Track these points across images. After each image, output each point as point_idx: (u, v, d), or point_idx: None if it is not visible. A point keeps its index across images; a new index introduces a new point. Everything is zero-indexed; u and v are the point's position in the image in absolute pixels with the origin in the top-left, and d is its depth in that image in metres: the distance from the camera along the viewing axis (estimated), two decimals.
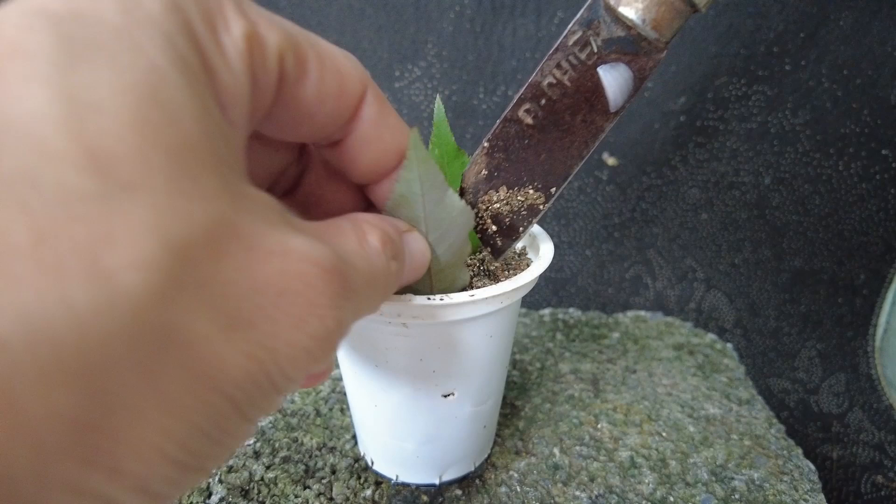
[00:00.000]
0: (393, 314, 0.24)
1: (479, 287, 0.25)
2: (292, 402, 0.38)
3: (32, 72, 0.11)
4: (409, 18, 0.44)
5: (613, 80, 0.24)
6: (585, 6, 0.23)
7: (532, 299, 0.53)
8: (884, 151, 0.46)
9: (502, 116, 0.25)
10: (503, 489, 0.32)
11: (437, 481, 0.31)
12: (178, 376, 0.11)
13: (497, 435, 0.35)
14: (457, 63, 0.46)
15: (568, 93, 0.24)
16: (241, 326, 0.12)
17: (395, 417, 0.29)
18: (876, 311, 0.50)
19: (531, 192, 0.25)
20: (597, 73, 0.24)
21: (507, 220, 0.26)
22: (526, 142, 0.24)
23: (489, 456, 0.34)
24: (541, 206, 0.26)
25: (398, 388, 0.27)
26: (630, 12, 0.23)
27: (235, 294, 0.12)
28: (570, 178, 0.25)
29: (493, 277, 0.28)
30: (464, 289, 0.27)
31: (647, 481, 0.32)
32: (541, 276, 0.27)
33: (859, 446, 0.52)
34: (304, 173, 0.23)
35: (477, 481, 0.32)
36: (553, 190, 0.25)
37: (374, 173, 0.22)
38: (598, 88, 0.24)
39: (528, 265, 0.28)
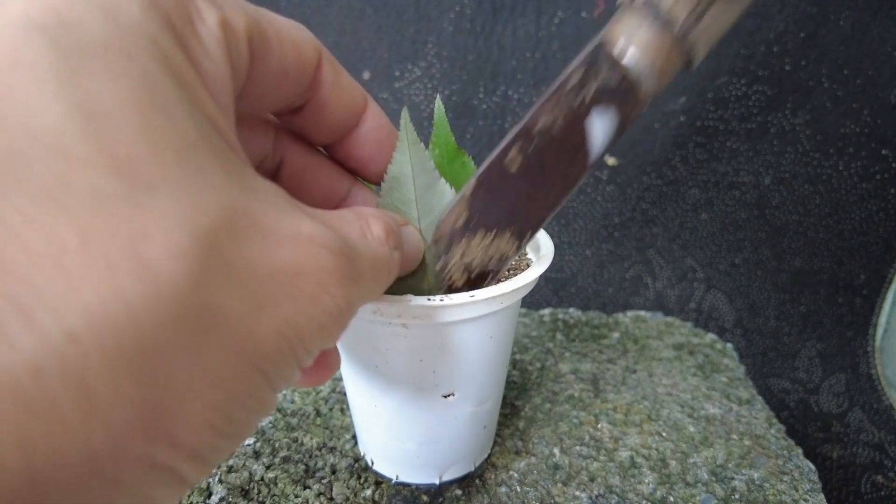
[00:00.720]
0: (393, 315, 0.24)
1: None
2: (292, 402, 0.38)
3: (40, 85, 0.11)
4: (409, 18, 0.44)
5: (600, 127, 0.24)
6: (585, 51, 0.23)
7: (532, 299, 0.53)
8: (884, 151, 0.46)
9: (490, 159, 0.24)
10: (503, 489, 0.32)
11: (437, 481, 0.31)
12: (220, 353, 0.12)
13: (497, 435, 0.35)
14: (457, 63, 0.46)
15: (556, 138, 0.24)
16: (269, 304, 0.13)
17: (395, 418, 0.29)
18: (876, 311, 0.50)
19: (507, 237, 0.24)
20: (585, 119, 0.23)
21: (477, 270, 0.25)
22: (509, 188, 0.24)
23: (489, 456, 0.34)
24: (510, 254, 0.25)
25: (398, 389, 0.27)
26: (629, 61, 0.23)
27: (260, 275, 0.13)
28: (541, 227, 0.25)
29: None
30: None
31: (647, 481, 0.32)
32: (541, 276, 0.27)
33: (859, 446, 0.52)
34: (281, 164, 0.24)
35: (477, 481, 0.32)
36: (526, 238, 0.25)
37: (336, 131, 0.23)
38: (584, 134, 0.24)
39: (528, 265, 0.28)
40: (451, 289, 0.25)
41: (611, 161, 0.49)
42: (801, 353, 0.52)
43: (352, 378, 0.30)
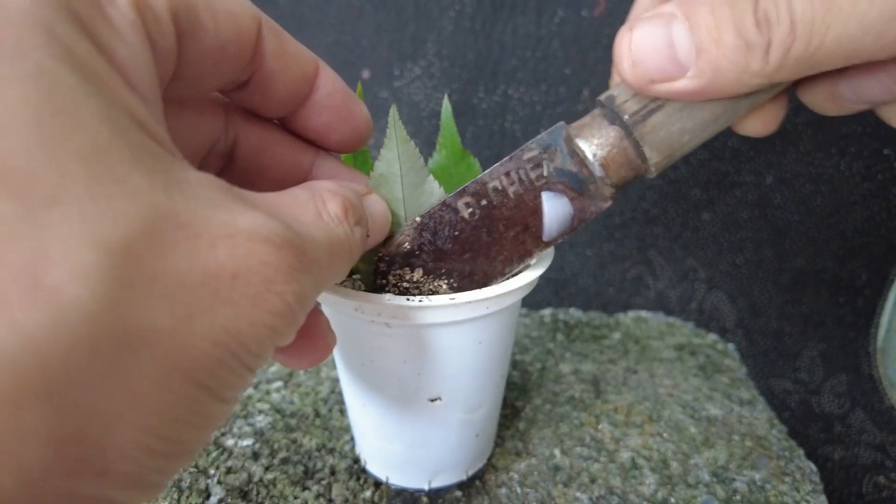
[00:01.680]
0: (374, 313, 0.24)
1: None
2: (291, 403, 0.38)
3: None
4: (409, 17, 0.44)
5: (553, 209, 0.24)
6: (548, 130, 0.24)
7: (532, 300, 0.53)
8: (885, 151, 0.45)
9: (442, 200, 0.24)
10: (503, 490, 0.31)
11: (426, 486, 0.31)
12: (149, 373, 0.11)
13: (497, 436, 0.35)
14: (457, 62, 0.45)
15: (508, 205, 0.24)
16: (201, 314, 0.12)
17: (383, 419, 0.28)
18: (878, 312, 0.50)
19: (444, 286, 0.24)
20: (540, 196, 0.24)
21: (416, 291, 0.25)
22: (456, 234, 0.24)
23: (486, 463, 0.33)
24: (443, 293, 0.25)
25: (384, 390, 0.27)
26: (584, 145, 0.23)
27: (190, 283, 0.12)
28: (471, 298, 0.24)
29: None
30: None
31: (648, 482, 0.32)
32: (541, 276, 0.27)
33: (861, 447, 0.52)
34: (236, 144, 0.22)
35: (477, 482, 0.32)
36: (454, 298, 0.24)
37: (288, 103, 0.21)
38: (537, 212, 0.24)
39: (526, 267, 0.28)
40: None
41: None
42: (803, 354, 0.52)
43: (343, 376, 0.29)
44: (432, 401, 0.27)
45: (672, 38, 0.20)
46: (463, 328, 0.25)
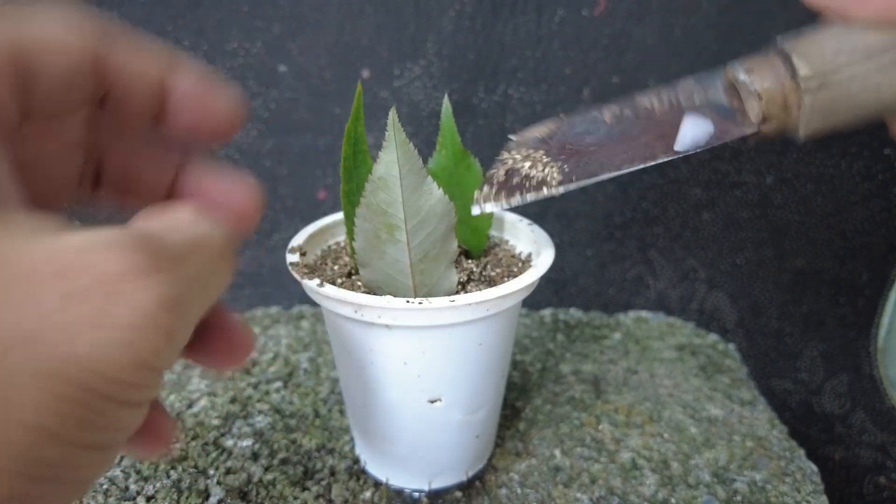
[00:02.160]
0: (374, 315, 0.24)
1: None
2: (291, 403, 0.38)
3: None
4: (409, 17, 0.44)
5: (693, 124, 0.24)
6: (707, 74, 0.25)
7: (533, 300, 0.53)
8: (886, 151, 0.45)
9: (589, 108, 0.25)
10: (504, 491, 0.31)
11: (426, 487, 0.31)
12: None
13: (498, 436, 0.35)
14: (457, 62, 0.45)
15: (651, 118, 0.25)
16: (24, 349, 0.11)
17: (382, 419, 0.28)
18: (878, 312, 0.50)
19: (555, 172, 0.24)
20: (683, 115, 0.24)
21: (515, 180, 0.25)
22: (590, 131, 0.25)
23: (487, 464, 0.33)
24: (550, 189, 0.24)
25: (384, 390, 0.27)
26: (739, 73, 0.23)
27: (8, 320, 0.11)
28: (589, 181, 0.25)
29: (491, 284, 0.28)
30: (451, 292, 0.27)
31: (648, 483, 0.32)
32: (542, 276, 0.26)
33: (862, 447, 0.52)
34: (104, 159, 0.21)
35: (477, 483, 0.32)
36: (572, 181, 0.24)
37: (143, 111, 0.20)
38: (676, 125, 0.24)
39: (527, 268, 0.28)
40: (486, 180, 0.25)
41: None
42: (804, 354, 0.52)
43: (343, 376, 0.29)
44: (432, 402, 0.27)
45: None
46: (463, 330, 0.25)
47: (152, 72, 0.19)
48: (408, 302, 0.23)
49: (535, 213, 0.51)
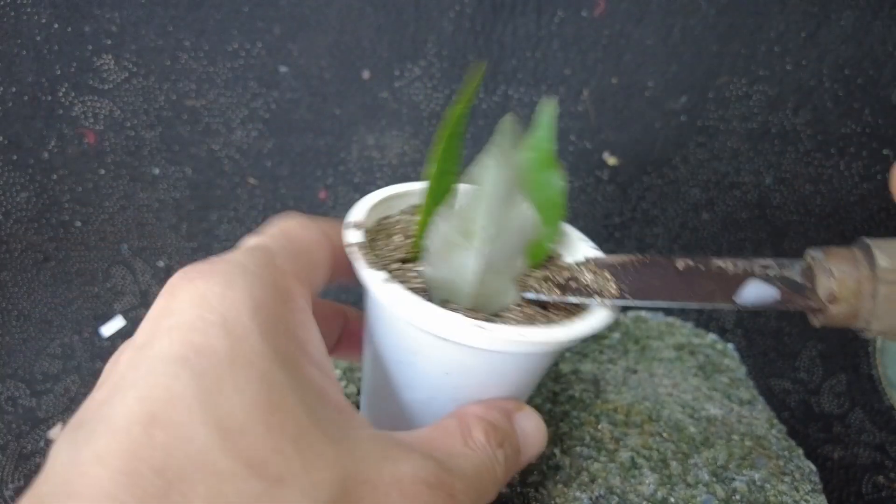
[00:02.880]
0: (426, 325, 0.23)
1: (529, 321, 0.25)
2: None
3: (190, 414, 0.15)
4: (409, 18, 0.44)
5: (757, 286, 0.25)
6: (788, 259, 0.25)
7: None
8: (885, 151, 0.45)
9: (666, 257, 0.27)
10: (503, 490, 0.32)
11: None
12: None
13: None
14: (457, 62, 0.46)
15: (723, 275, 0.25)
16: None
17: (404, 416, 0.28)
18: None
19: (613, 287, 0.26)
20: (747, 279, 0.25)
21: (573, 284, 0.26)
22: (658, 271, 0.26)
23: None
24: (601, 298, 0.25)
25: (415, 390, 0.27)
26: (818, 259, 0.24)
27: None
28: (641, 304, 0.26)
29: (545, 306, 0.27)
30: (506, 307, 0.26)
31: (647, 482, 0.32)
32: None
33: (860, 447, 0.52)
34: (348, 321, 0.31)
35: None
36: (625, 298, 0.25)
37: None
38: (736, 287, 0.25)
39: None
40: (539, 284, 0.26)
41: (611, 161, 0.49)
42: (802, 354, 0.52)
43: (371, 365, 0.29)
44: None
45: None
46: (517, 357, 0.24)
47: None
48: (477, 326, 0.22)
49: None
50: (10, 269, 0.48)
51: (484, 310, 0.25)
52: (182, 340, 0.16)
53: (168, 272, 0.51)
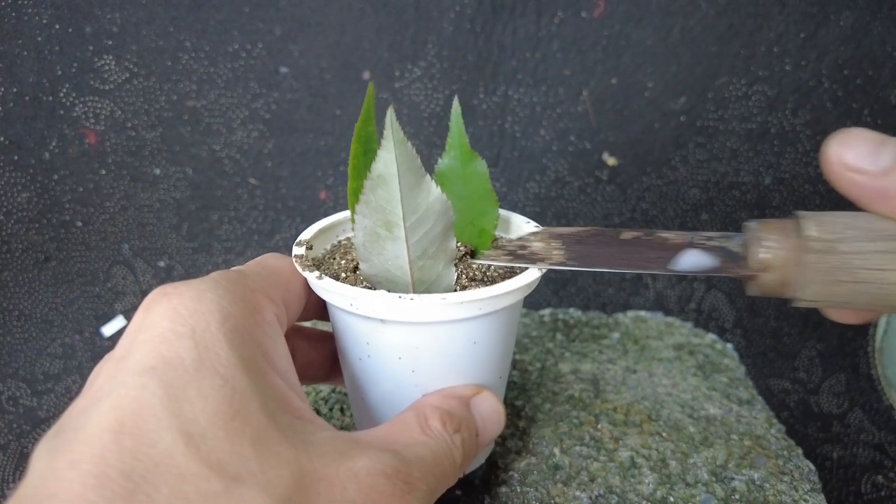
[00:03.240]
0: (368, 310, 0.24)
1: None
2: None
3: (157, 421, 0.16)
4: (409, 18, 0.45)
5: (694, 256, 0.26)
6: (734, 233, 0.26)
7: (532, 299, 0.53)
8: None
9: (608, 229, 0.28)
10: (503, 489, 0.32)
11: None
12: None
13: (498, 435, 0.35)
14: (457, 63, 0.46)
15: (664, 244, 0.26)
16: None
17: (378, 412, 0.29)
18: None
19: (559, 254, 0.27)
20: (685, 248, 0.26)
21: (521, 252, 0.28)
22: (603, 240, 0.27)
23: (486, 462, 0.34)
24: (545, 263, 0.27)
25: (380, 383, 0.27)
26: (755, 227, 0.25)
27: None
28: (579, 269, 0.27)
29: (493, 283, 0.28)
30: (449, 290, 0.27)
31: (647, 481, 0.32)
32: (542, 277, 0.27)
33: (859, 446, 0.52)
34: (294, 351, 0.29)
35: (477, 481, 0.32)
36: (566, 265, 0.27)
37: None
38: (673, 253, 0.26)
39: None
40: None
41: (611, 161, 0.49)
42: (802, 354, 0.52)
43: (344, 369, 0.30)
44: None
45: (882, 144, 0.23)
46: (456, 327, 0.25)
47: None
48: (399, 297, 0.23)
49: (535, 213, 0.51)
50: (12, 269, 0.48)
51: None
52: (153, 352, 0.18)
53: (169, 272, 0.51)
